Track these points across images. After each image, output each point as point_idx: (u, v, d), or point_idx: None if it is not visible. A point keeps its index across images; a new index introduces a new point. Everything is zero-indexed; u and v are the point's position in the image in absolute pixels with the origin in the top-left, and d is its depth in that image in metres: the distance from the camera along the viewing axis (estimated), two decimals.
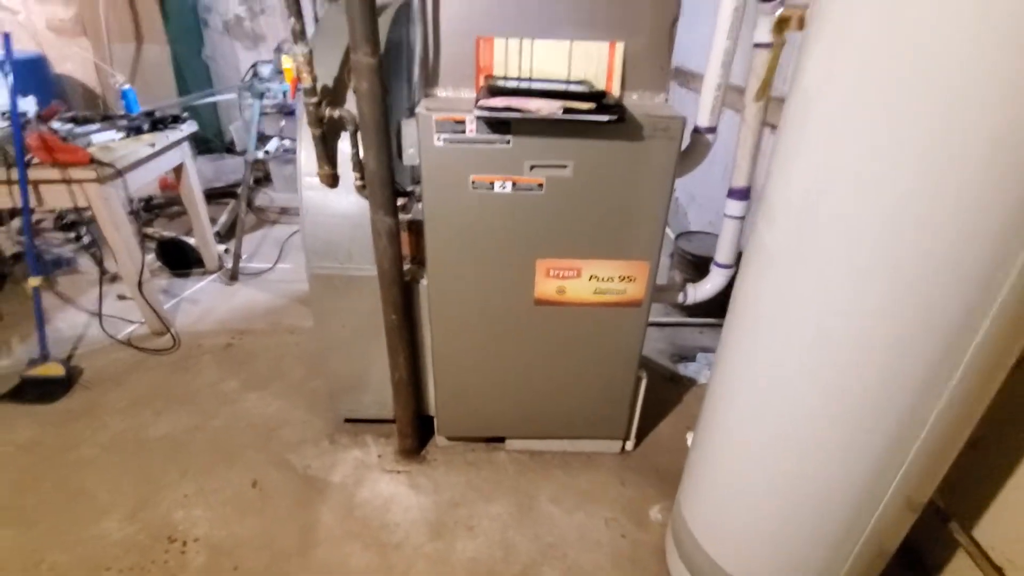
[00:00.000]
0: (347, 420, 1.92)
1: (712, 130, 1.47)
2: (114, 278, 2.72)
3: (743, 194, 1.50)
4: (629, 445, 1.85)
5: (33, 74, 3.99)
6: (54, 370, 2.08)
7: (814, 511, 1.09)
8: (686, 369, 2.29)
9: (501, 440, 1.85)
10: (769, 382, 1.06)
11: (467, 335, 1.56)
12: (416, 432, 1.78)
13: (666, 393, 2.14)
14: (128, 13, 3.96)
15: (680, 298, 1.71)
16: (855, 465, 1.01)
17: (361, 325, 1.65)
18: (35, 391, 2.04)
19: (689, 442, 1.48)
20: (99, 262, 2.52)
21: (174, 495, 1.66)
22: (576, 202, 1.36)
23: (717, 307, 2.45)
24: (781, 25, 0.98)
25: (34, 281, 2.06)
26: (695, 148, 1.49)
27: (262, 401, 2.04)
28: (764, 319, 1.05)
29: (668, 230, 3.57)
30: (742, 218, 1.54)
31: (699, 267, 2.49)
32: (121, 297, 2.60)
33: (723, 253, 1.61)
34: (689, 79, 3.09)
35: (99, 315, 2.35)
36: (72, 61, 4.28)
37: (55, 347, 2.24)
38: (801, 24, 0.95)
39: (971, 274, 0.79)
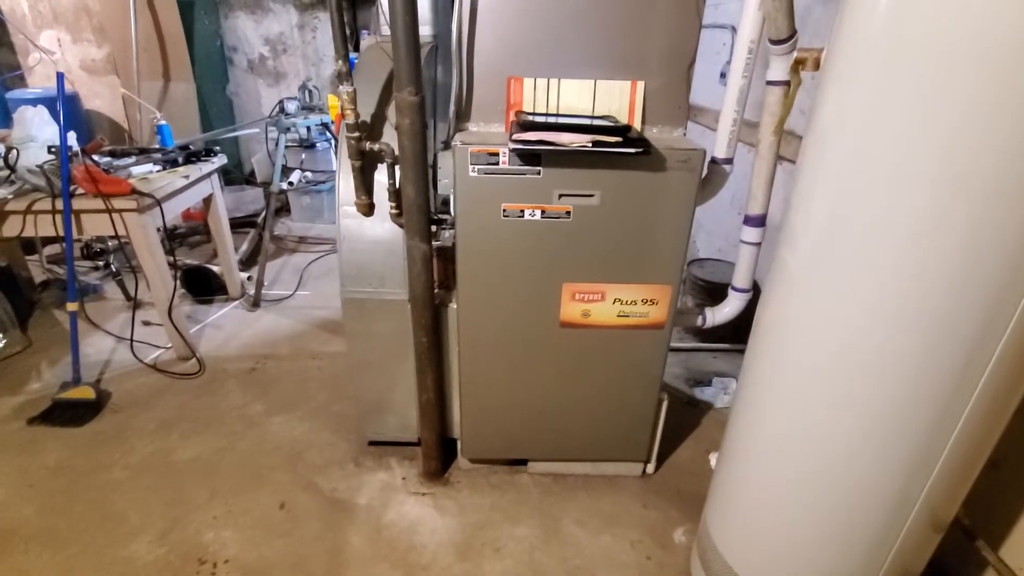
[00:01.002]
0: (371, 443, 1.96)
1: (729, 161, 1.56)
2: (139, 305, 2.79)
3: (759, 221, 1.57)
4: (650, 468, 1.87)
5: (66, 111, 4.17)
6: (85, 393, 2.13)
7: (843, 527, 1.12)
8: (702, 393, 2.32)
9: (523, 463, 1.88)
10: (795, 402, 1.11)
11: (494, 358, 1.61)
12: (440, 454, 1.81)
13: (684, 417, 2.17)
14: (158, 54, 4.16)
15: (699, 321, 1.76)
16: (883, 481, 1.05)
17: (389, 348, 1.71)
18: (66, 414, 2.08)
19: (712, 463, 1.51)
20: (123, 289, 2.59)
21: (203, 517, 1.68)
22: (601, 229, 1.43)
23: (731, 332, 2.51)
24: (797, 66, 1.07)
25: (72, 306, 2.14)
26: (713, 178, 1.57)
27: (287, 424, 2.08)
28: (789, 339, 1.10)
29: None
30: (758, 244, 1.60)
31: (711, 293, 2.54)
32: (146, 323, 2.67)
33: (740, 278, 1.67)
34: (696, 113, 3.21)
35: (131, 340, 2.41)
36: (101, 98, 4.46)
37: (85, 371, 2.29)
38: (817, 65, 1.03)
39: (986, 294, 0.85)
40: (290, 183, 3.30)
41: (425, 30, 1.76)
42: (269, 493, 1.78)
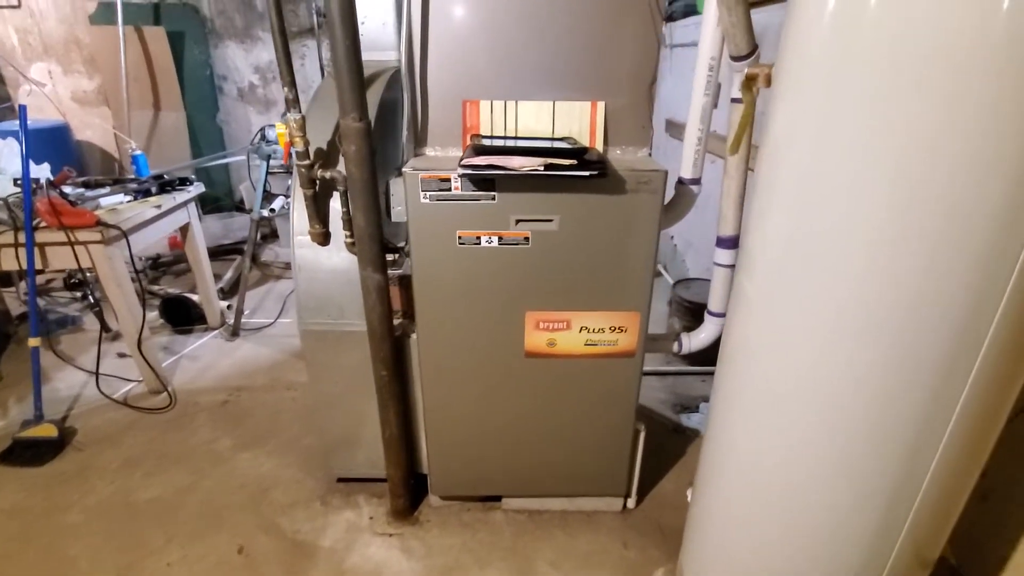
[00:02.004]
0: (340, 480, 1.87)
1: (696, 181, 1.50)
2: (116, 336, 2.74)
3: (731, 243, 1.50)
4: (631, 503, 1.78)
5: (56, 141, 4.20)
6: (47, 431, 2.07)
7: (820, 564, 1.03)
8: (689, 420, 2.23)
9: (497, 499, 1.79)
10: (762, 432, 1.03)
11: (458, 390, 1.54)
12: (409, 492, 1.72)
13: (669, 446, 2.08)
14: (148, 84, 4.19)
15: (675, 348, 1.69)
16: (859, 514, 0.97)
17: (353, 381, 1.64)
18: (26, 453, 2.01)
19: (690, 499, 1.42)
20: (101, 321, 2.55)
21: (157, 564, 1.60)
22: (563, 255, 1.37)
23: (718, 355, 2.43)
24: (749, 82, 1.02)
25: (33, 341, 2.09)
26: (681, 199, 1.51)
27: (255, 460, 2.00)
28: (752, 367, 1.03)
29: (667, 276, 3.57)
30: (732, 266, 1.54)
31: (697, 314, 2.46)
32: (121, 355, 2.62)
33: (715, 301, 1.60)
34: (680, 131, 3.17)
35: (96, 375, 2.35)
36: (92, 128, 4.50)
37: (52, 407, 2.24)
38: (768, 81, 0.98)
39: (953, 312, 0.78)
40: (272, 210, 3.28)
41: (389, 55, 1.74)
42: (229, 536, 1.69)
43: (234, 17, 4.31)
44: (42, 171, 2.28)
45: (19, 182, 2.03)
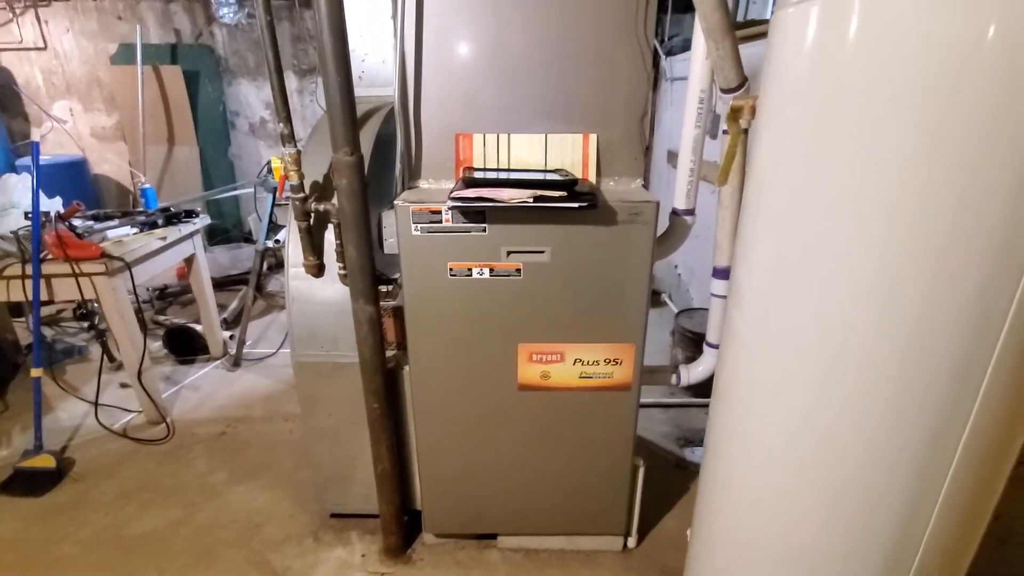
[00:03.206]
0: (333, 515, 1.84)
1: (690, 212, 1.49)
2: (120, 367, 2.75)
3: (727, 273, 1.48)
4: (631, 542, 1.72)
5: (74, 175, 4.34)
6: (45, 462, 2.06)
7: None
8: (692, 454, 2.17)
9: (493, 537, 1.74)
10: (756, 473, 0.99)
11: (451, 423, 1.52)
12: (402, 529, 1.68)
13: (671, 482, 2.02)
14: (164, 120, 4.33)
15: (673, 380, 1.65)
16: (860, 564, 0.92)
17: (347, 414, 1.62)
18: (25, 483, 2.01)
19: (689, 540, 1.37)
20: (105, 351, 2.57)
21: None
22: (555, 286, 1.36)
23: (712, 389, 2.37)
24: (734, 114, 1.02)
25: (35, 372, 2.10)
26: (675, 230, 1.51)
27: (249, 494, 1.97)
28: (744, 406, 1.00)
29: (671, 305, 3.54)
30: None
31: (700, 344, 2.41)
32: (123, 385, 2.63)
33: (713, 333, 1.58)
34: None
35: (95, 405, 2.36)
36: (109, 163, 4.64)
37: (52, 437, 2.24)
38: (753, 113, 0.98)
39: (947, 359, 0.75)
40: (276, 241, 3.32)
41: (388, 90, 1.78)
42: (220, 572, 1.66)
43: (247, 56, 4.47)
44: (54, 204, 2.34)
45: (30, 215, 2.08)
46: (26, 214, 2.10)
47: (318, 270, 1.47)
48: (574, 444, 1.54)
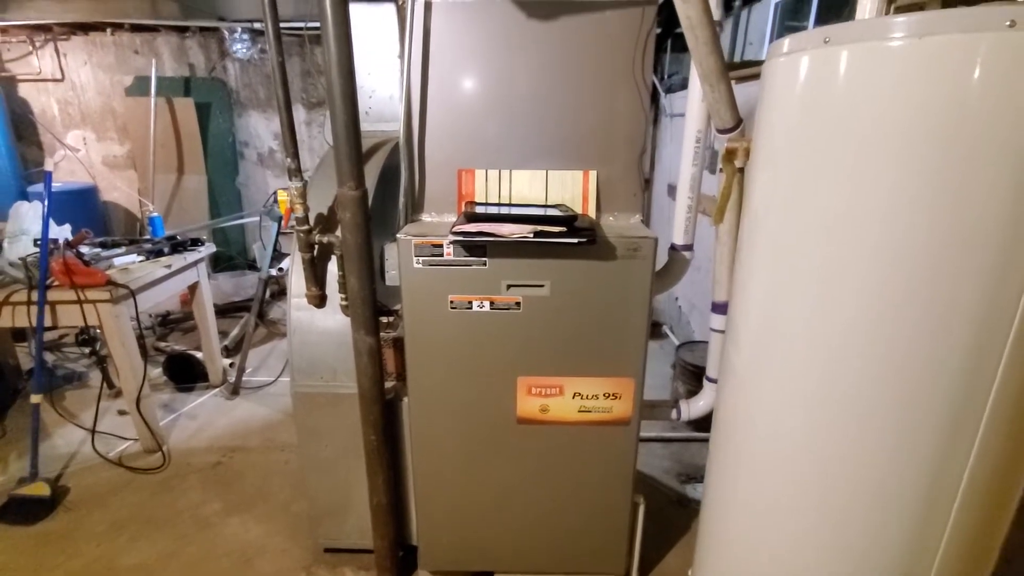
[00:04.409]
0: (327, 550, 1.80)
1: (688, 247, 1.51)
2: (119, 394, 2.75)
3: (726, 308, 1.49)
4: None
5: (84, 202, 4.41)
6: (40, 490, 2.04)
7: None
8: (695, 491, 2.14)
9: (490, 575, 1.70)
10: (756, 512, 0.98)
11: (449, 456, 1.50)
12: (396, 565, 1.65)
13: (673, 519, 1.98)
14: (174, 150, 4.42)
15: (674, 415, 1.65)
16: None
17: (344, 445, 1.61)
18: (19, 511, 1.99)
19: None
20: (105, 377, 2.57)
21: None
22: (555, 320, 1.37)
23: (711, 426, 2.35)
24: (729, 156, 1.05)
25: (35, 398, 2.10)
26: (673, 265, 1.52)
27: (243, 526, 1.94)
28: (742, 442, 1.00)
29: (673, 337, 3.54)
30: None
31: (701, 377, 2.41)
32: (122, 412, 2.62)
33: (713, 368, 1.57)
34: None
35: (93, 432, 2.34)
36: (119, 190, 4.72)
37: (48, 464, 2.23)
38: (747, 155, 1.00)
39: (943, 395, 0.75)
40: (280, 269, 3.35)
41: (395, 126, 1.83)
42: None
43: (258, 89, 4.59)
44: (63, 232, 2.37)
45: (39, 242, 2.11)
46: (35, 241, 2.13)
47: (320, 301, 1.49)
48: (573, 480, 1.52)
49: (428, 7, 1.34)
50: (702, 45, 1.10)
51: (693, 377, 2.45)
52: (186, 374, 2.93)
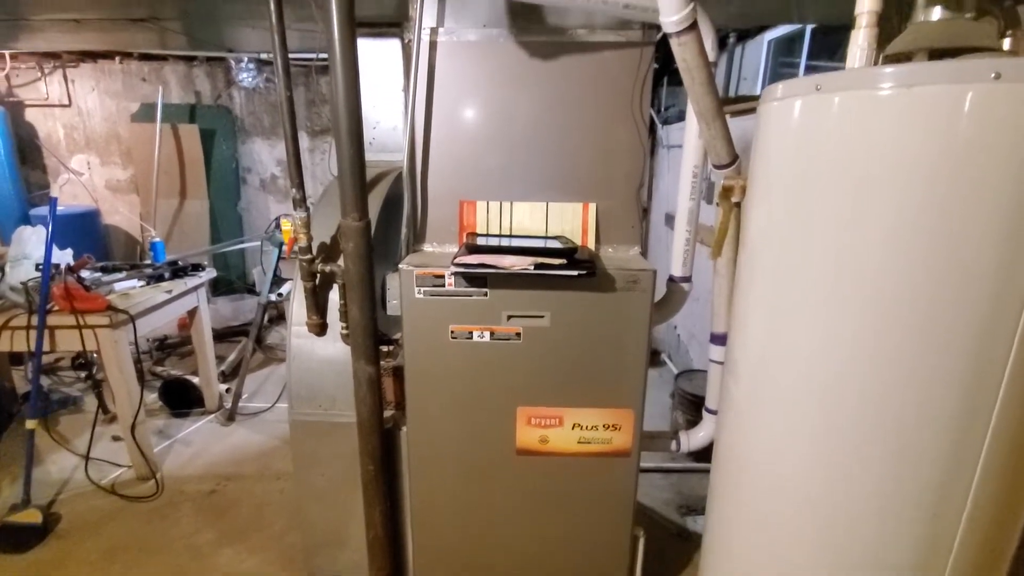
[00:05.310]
0: None
1: (687, 279, 1.53)
2: (113, 419, 2.72)
3: (724, 340, 1.50)
4: None
5: (86, 225, 4.44)
6: (32, 517, 2.01)
7: None
8: (695, 523, 2.11)
9: None
10: (758, 546, 0.98)
11: (447, 487, 1.49)
12: None
13: (673, 553, 1.95)
14: (177, 175, 4.47)
15: (674, 446, 1.64)
16: None
17: (341, 475, 1.59)
18: (10, 539, 1.95)
19: None
20: (100, 403, 2.55)
21: None
22: (554, 351, 1.37)
23: (712, 457, 2.33)
24: (726, 193, 1.07)
25: (31, 424, 2.08)
26: (672, 296, 1.54)
27: (236, 557, 1.91)
28: (743, 476, 0.99)
29: (671, 366, 3.53)
30: None
31: (700, 407, 2.40)
32: (116, 438, 2.59)
33: (712, 399, 1.58)
34: None
35: (86, 459, 2.32)
36: (120, 214, 4.75)
37: (41, 490, 2.19)
38: (743, 192, 1.03)
39: (941, 433, 0.76)
40: (280, 294, 3.36)
41: (398, 156, 1.86)
42: None
43: (262, 117, 4.67)
44: (64, 256, 2.39)
45: (41, 267, 2.12)
46: (37, 266, 2.14)
47: (321, 329, 1.49)
48: (572, 512, 1.50)
49: (433, 46, 1.38)
50: (698, 86, 1.14)
51: (692, 407, 2.44)
52: (182, 399, 2.91)
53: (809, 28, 2.74)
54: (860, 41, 0.80)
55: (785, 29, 2.92)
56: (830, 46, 2.75)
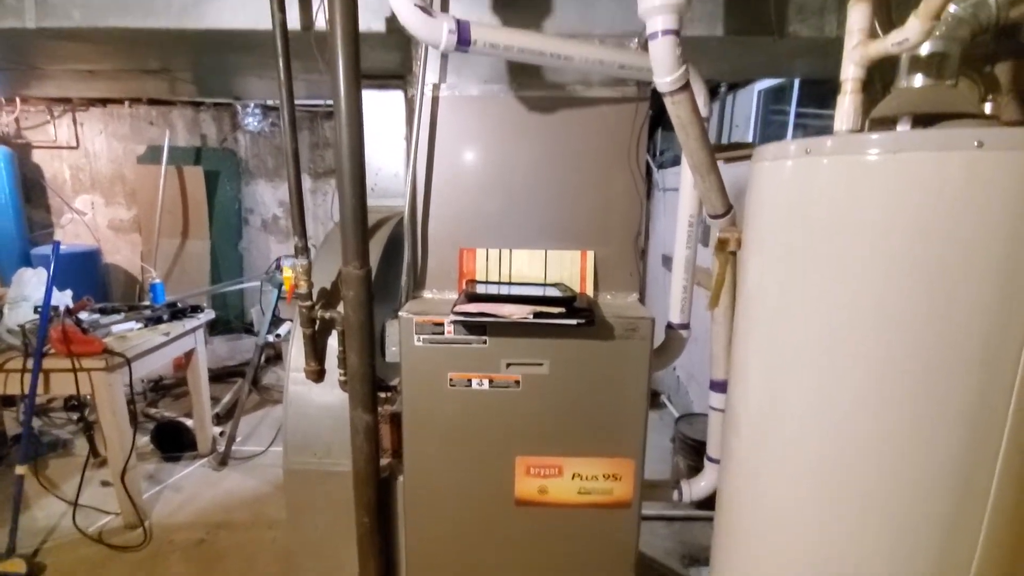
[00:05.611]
0: None
1: (685, 326, 1.54)
2: (103, 463, 2.67)
3: (724, 387, 1.50)
4: None
5: (86, 264, 4.46)
6: (16, 567, 1.96)
7: None
8: (699, 575, 2.05)
9: None
10: None
11: (444, 539, 1.45)
12: None
13: None
14: (180, 215, 4.53)
15: (675, 496, 1.61)
16: None
17: (335, 526, 1.55)
18: None
19: None
20: (91, 447, 2.51)
21: None
22: (554, 399, 1.37)
23: (715, 508, 2.29)
24: (722, 245, 1.09)
25: (20, 469, 2.05)
26: (671, 343, 1.54)
27: None
28: (749, 534, 0.97)
29: (671, 408, 3.50)
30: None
31: (701, 452, 2.37)
32: (105, 483, 2.53)
33: (714, 447, 1.56)
34: None
35: (75, 505, 2.26)
36: (121, 253, 4.79)
37: (27, 538, 2.14)
38: (739, 244, 1.05)
39: (940, 488, 0.75)
40: (278, 335, 3.36)
41: (399, 201, 1.89)
42: None
43: (266, 159, 4.77)
44: (64, 297, 2.39)
45: (39, 309, 2.12)
46: (36, 308, 2.14)
47: (319, 376, 1.48)
48: (572, 565, 1.46)
49: (436, 100, 1.43)
50: (692, 141, 1.17)
51: (693, 452, 2.41)
52: (174, 442, 2.86)
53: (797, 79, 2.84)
54: (846, 106, 0.83)
55: (775, 79, 3.03)
56: (818, 95, 2.85)
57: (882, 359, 0.75)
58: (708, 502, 2.38)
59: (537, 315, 1.24)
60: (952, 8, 0.78)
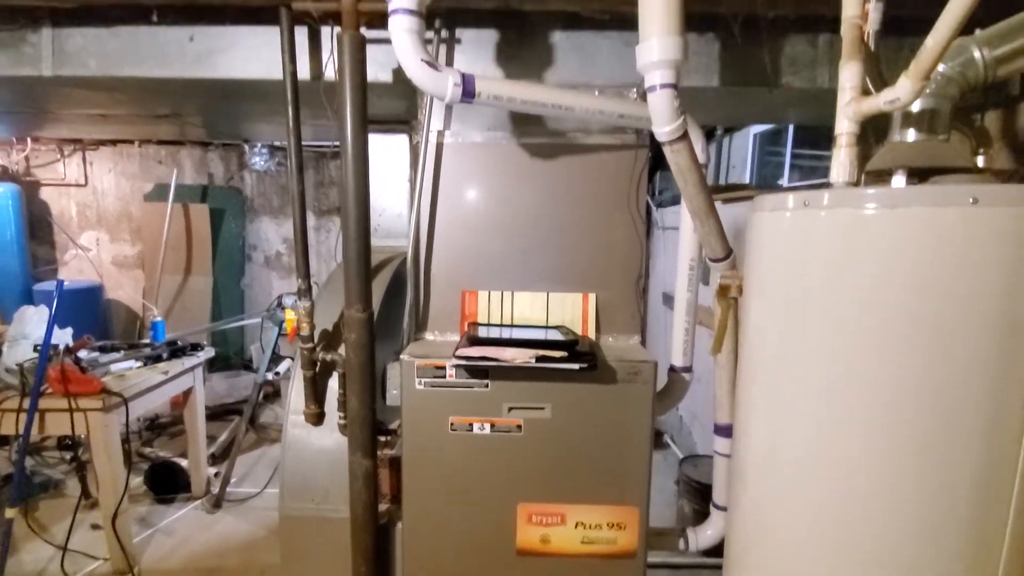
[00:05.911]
0: None
1: (688, 369, 1.53)
2: (95, 504, 2.61)
3: (729, 431, 1.48)
4: None
5: (87, 300, 4.47)
6: None
7: None
8: None
9: None
10: None
11: None
12: None
13: None
14: (184, 252, 4.56)
15: (681, 545, 1.57)
16: None
17: (330, 573, 1.50)
18: None
19: None
20: (83, 488, 2.46)
21: None
22: (556, 443, 1.35)
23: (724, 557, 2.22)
24: (723, 291, 1.10)
25: (11, 512, 2.00)
26: (674, 386, 1.53)
27: None
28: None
29: (675, 449, 3.44)
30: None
31: (706, 495, 2.31)
32: (95, 527, 2.46)
33: (720, 493, 1.53)
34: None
35: (64, 550, 2.20)
36: (123, 289, 4.80)
37: None
38: (740, 291, 1.05)
39: (947, 538, 0.74)
40: (277, 373, 3.33)
41: (402, 241, 1.91)
42: None
43: (272, 198, 4.84)
44: (64, 336, 2.39)
45: (39, 348, 2.12)
46: (35, 347, 2.14)
47: (318, 419, 1.47)
48: None
49: (440, 147, 1.46)
50: (691, 187, 1.20)
51: (698, 495, 2.35)
52: (168, 484, 2.80)
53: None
54: (842, 158, 0.85)
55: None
56: (813, 138, 2.92)
57: (880, 412, 0.75)
58: (716, 549, 2.32)
59: (539, 359, 1.24)
60: (941, 67, 0.81)
